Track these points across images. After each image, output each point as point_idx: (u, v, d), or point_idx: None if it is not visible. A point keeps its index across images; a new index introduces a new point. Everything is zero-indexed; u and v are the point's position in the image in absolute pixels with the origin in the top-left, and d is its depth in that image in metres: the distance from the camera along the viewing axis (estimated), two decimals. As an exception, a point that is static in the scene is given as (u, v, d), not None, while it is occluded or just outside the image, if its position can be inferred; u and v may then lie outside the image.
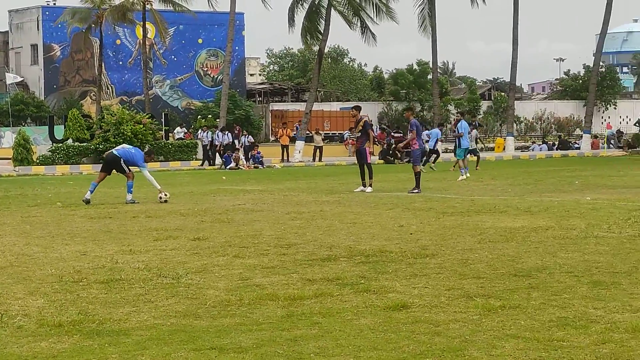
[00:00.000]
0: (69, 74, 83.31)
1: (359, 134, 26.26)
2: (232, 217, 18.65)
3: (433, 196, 23.44)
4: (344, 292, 9.89)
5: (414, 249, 13.03)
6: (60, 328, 8.40)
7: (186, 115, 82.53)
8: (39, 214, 20.20)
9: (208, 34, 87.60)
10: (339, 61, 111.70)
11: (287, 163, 52.71)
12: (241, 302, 9.46)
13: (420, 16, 61.92)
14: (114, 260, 12.55)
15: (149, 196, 25.02)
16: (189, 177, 38.36)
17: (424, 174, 27.55)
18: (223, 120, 55.04)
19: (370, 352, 7.39)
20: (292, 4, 57.84)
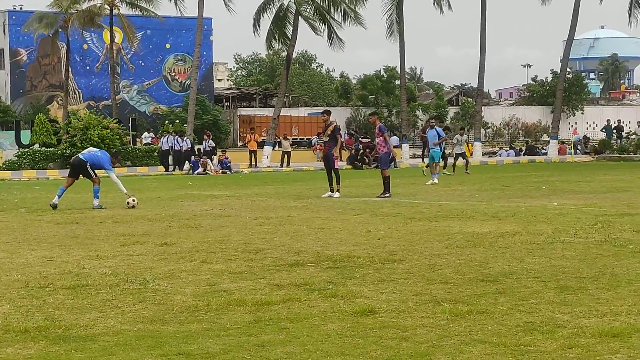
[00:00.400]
0: (36, 78, 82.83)
1: (327, 139, 26.28)
2: (199, 222, 18.61)
3: (401, 201, 23.49)
4: (311, 297, 9.89)
5: (381, 254, 13.04)
6: (26, 334, 8.35)
7: (154, 120, 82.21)
8: (5, 219, 20.08)
9: (176, 39, 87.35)
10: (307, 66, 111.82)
11: (255, 168, 52.67)
12: (209, 307, 9.43)
13: (388, 22, 62.09)
14: (80, 266, 12.48)
15: (116, 201, 24.92)
16: (157, 182, 38.24)
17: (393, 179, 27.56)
18: (191, 125, 54.97)
19: (338, 358, 7.39)
20: (258, 9, 57.83)
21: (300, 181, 36.16)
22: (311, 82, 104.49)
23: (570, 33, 63.61)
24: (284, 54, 61.32)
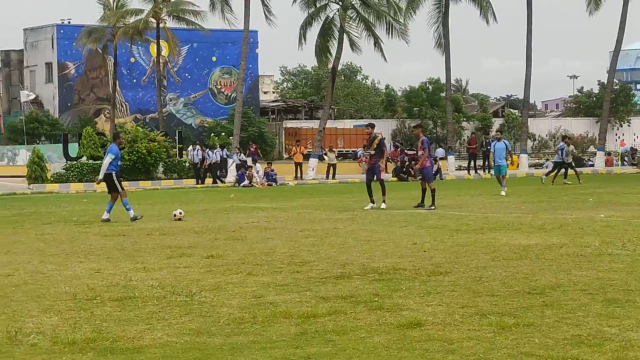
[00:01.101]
0: (83, 91, 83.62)
1: (373, 152, 26.26)
2: (245, 234, 18.66)
3: (447, 213, 23.41)
4: (357, 309, 9.88)
5: (427, 267, 13.01)
6: (74, 346, 8.42)
7: (200, 133, 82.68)
8: (53, 232, 20.25)
9: (222, 52, 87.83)
10: (352, 79, 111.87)
11: (300, 180, 52.72)
12: (255, 319, 9.46)
13: (435, 34, 62.00)
14: (127, 278, 12.56)
15: (162, 213, 25.06)
16: (202, 194, 38.40)
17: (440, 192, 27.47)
18: (237, 138, 55.13)
19: (384, 370, 7.38)
20: (303, 22, 57.93)
21: (346, 193, 36.15)
22: (356, 95, 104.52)
23: (617, 44, 63.13)
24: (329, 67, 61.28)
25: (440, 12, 61.50)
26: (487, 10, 61.62)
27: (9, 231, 20.76)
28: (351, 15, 57.32)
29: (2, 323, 9.53)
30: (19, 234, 19.89)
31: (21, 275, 13.10)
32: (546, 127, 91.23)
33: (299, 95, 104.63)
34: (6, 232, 20.58)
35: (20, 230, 21.08)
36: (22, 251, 16.40)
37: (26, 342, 8.61)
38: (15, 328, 9.20)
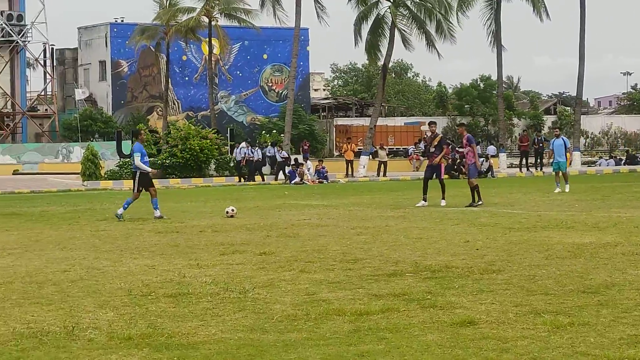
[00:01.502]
0: (136, 89, 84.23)
1: (434, 149, 26.20)
2: (297, 231, 18.71)
3: (499, 211, 23.30)
4: (410, 307, 9.88)
5: (480, 265, 12.97)
6: (130, 341, 8.51)
7: (251, 131, 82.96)
8: (107, 229, 20.45)
9: (273, 50, 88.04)
10: (403, 76, 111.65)
11: (351, 178, 52.72)
12: (308, 316, 9.49)
13: (487, 31, 61.68)
14: (181, 274, 12.66)
15: (215, 211, 25.19)
16: (254, 192, 38.55)
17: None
18: (288, 135, 55.26)
19: (438, 368, 7.38)
20: (357, 19, 57.91)
21: (397, 191, 36.11)
22: (407, 92, 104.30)
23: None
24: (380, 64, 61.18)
25: (492, 9, 61.16)
26: (540, 7, 61.18)
27: (64, 227, 20.99)
28: (403, 12, 57.20)
29: (59, 318, 9.65)
30: (74, 230, 20.11)
31: (77, 271, 13.26)
32: (599, 125, 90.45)
33: (349, 93, 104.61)
34: (62, 228, 20.82)
35: (75, 226, 21.31)
36: (77, 247, 16.59)
37: (83, 337, 8.71)
38: (72, 323, 9.32)
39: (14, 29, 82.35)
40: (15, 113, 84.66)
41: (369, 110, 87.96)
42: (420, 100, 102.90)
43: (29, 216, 25.00)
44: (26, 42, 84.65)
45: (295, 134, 68.76)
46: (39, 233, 19.62)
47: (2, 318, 9.73)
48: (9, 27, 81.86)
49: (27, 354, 8.09)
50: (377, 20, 57.61)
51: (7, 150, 74.99)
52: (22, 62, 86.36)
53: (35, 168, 71.02)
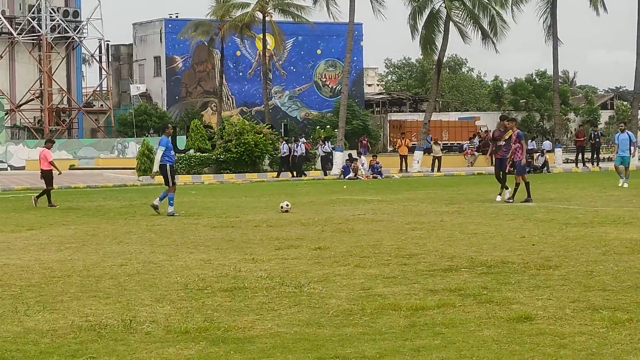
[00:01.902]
0: (191, 85, 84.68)
1: (503, 143, 25.95)
2: (352, 226, 18.71)
3: (555, 207, 23.14)
4: (466, 302, 9.85)
5: (536, 260, 12.90)
6: (186, 334, 8.57)
7: (305, 126, 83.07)
8: (163, 223, 20.58)
9: (327, 45, 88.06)
10: (457, 71, 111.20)
11: (405, 173, 52.60)
12: (363, 311, 9.50)
13: (544, 25, 61.21)
14: (237, 269, 12.72)
15: (269, 205, 25.26)
16: (309, 187, 38.60)
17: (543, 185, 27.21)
18: (342, 130, 55.21)
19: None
20: (411, 13, 57.70)
21: (452, 186, 35.98)
22: (462, 87, 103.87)
23: None
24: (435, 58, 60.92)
25: (548, 2, 60.67)
26: (597, 1, 60.53)
27: (120, 222, 21.17)
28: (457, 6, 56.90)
29: (117, 311, 9.75)
30: (131, 225, 20.27)
31: (134, 265, 13.37)
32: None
33: (403, 88, 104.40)
34: (118, 222, 21.00)
35: (131, 221, 21.48)
36: (133, 241, 16.72)
37: (140, 331, 8.79)
38: (129, 316, 9.41)
39: (70, 26, 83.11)
40: (72, 109, 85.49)
41: (422, 106, 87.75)
42: (474, 95, 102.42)
43: (85, 211, 25.25)
44: (82, 39, 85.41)
45: (349, 129, 68.68)
46: (95, 227, 19.81)
47: (61, 311, 9.84)
48: (65, 24, 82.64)
49: (86, 347, 8.18)
50: (432, 14, 57.37)
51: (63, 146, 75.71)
52: (78, 58, 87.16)
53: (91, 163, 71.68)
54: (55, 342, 8.37)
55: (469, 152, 63.01)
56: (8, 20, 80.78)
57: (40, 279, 12.17)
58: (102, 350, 8.05)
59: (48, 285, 11.59)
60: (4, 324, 9.19)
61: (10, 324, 9.22)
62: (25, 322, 9.27)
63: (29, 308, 10.01)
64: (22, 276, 12.43)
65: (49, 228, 19.86)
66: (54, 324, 9.15)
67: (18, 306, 10.14)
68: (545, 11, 60.93)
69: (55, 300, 10.48)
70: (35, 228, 19.75)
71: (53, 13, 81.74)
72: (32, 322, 9.26)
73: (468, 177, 46.31)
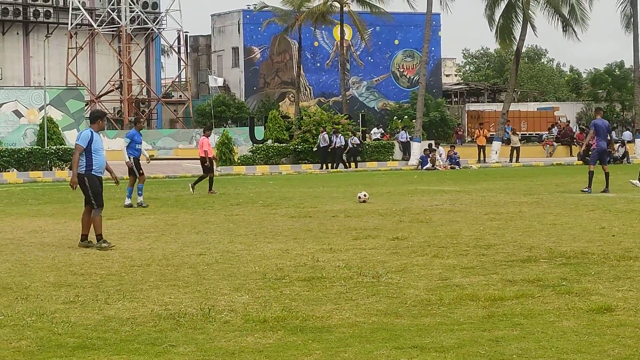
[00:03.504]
0: (269, 75, 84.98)
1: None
2: (430, 217, 18.67)
3: (636, 197, 22.84)
4: (545, 293, 9.78)
5: (616, 251, 12.75)
6: (265, 324, 8.62)
7: (382, 116, 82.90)
8: (241, 213, 20.71)
9: (404, 35, 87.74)
10: (536, 61, 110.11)
11: (483, 164, 52.30)
12: (441, 301, 9.48)
13: (622, 14, 60.36)
14: (315, 259, 12.76)
15: (347, 196, 25.29)
16: (386, 177, 38.57)
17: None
18: (419, 121, 55.05)
19: (574, 355, 7.29)
20: (488, 3, 57.29)
21: (530, 177, 35.69)
22: (540, 77, 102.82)
23: None
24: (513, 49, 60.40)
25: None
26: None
27: (199, 212, 21.34)
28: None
29: (196, 300, 9.85)
30: (209, 215, 20.43)
31: (212, 254, 13.49)
32: None
33: (481, 78, 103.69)
34: (197, 212, 21.18)
35: (210, 210, 21.64)
36: (212, 231, 16.86)
37: (219, 319, 8.86)
38: (208, 305, 9.49)
39: (149, 17, 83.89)
40: (151, 99, 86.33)
41: (501, 96, 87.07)
42: (554, 85, 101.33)
43: (164, 200, 25.51)
44: (161, 30, 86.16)
45: (426, 120, 68.42)
46: (174, 217, 20.01)
47: (141, 300, 9.97)
48: (144, 15, 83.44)
49: (165, 335, 8.28)
50: (510, 4, 56.91)
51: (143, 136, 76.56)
52: (157, 49, 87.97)
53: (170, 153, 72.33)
54: (135, 330, 8.48)
55: (548, 143, 62.41)
56: (88, 12, 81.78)
57: (120, 267, 12.34)
58: (181, 338, 8.14)
59: (128, 274, 11.75)
60: (85, 312, 9.34)
61: (91, 312, 9.37)
62: (106, 311, 9.40)
63: (109, 296, 10.16)
64: (103, 265, 12.61)
65: (128, 217, 20.11)
66: (134, 312, 9.27)
67: (99, 295, 10.29)
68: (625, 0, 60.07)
69: (134, 289, 10.62)
70: (115, 218, 19.99)
71: (132, 4, 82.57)
72: (112, 311, 9.39)
73: (547, 168, 45.88)
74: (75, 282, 11.18)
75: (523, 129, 75.83)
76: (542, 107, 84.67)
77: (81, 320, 8.92)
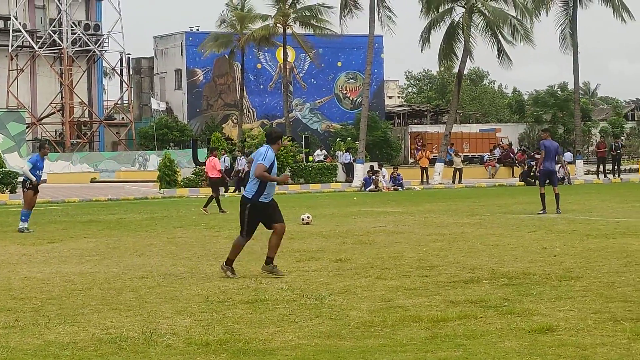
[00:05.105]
0: (212, 97, 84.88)
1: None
2: (373, 238, 18.70)
3: (576, 218, 23.07)
4: (487, 314, 9.82)
5: (558, 272, 12.86)
6: (207, 347, 8.57)
7: (326, 138, 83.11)
8: (184, 235, 20.62)
9: (347, 57, 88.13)
10: (478, 83, 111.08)
11: (426, 185, 52.53)
12: (384, 323, 9.48)
13: (561, 36, 61.05)
14: (258, 281, 12.73)
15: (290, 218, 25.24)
16: (330, 199, 38.59)
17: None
18: (362, 142, 55.19)
19: (516, 375, 7.32)
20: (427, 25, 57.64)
21: (473, 198, 35.90)
22: (482, 99, 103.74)
23: None
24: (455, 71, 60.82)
25: (568, 14, 60.54)
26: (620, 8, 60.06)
27: (141, 235, 21.21)
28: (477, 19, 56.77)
29: (137, 324, 9.76)
30: (152, 237, 20.31)
31: (154, 277, 13.40)
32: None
33: (424, 100, 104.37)
34: (139, 235, 21.04)
35: (152, 233, 21.52)
36: (155, 254, 16.75)
37: (161, 343, 8.79)
38: (150, 329, 9.42)
39: (91, 39, 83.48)
40: (93, 122, 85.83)
41: (443, 117, 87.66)
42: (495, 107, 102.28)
43: (106, 223, 25.31)
44: (103, 52, 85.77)
45: (370, 141, 68.67)
46: (116, 240, 19.86)
47: (82, 324, 9.86)
48: (86, 37, 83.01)
49: (107, 359, 8.19)
50: (452, 27, 57.30)
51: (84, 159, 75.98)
52: (99, 72, 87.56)
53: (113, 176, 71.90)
54: (75, 355, 8.38)
55: (490, 164, 62.88)
56: (29, 34, 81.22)
57: (61, 291, 12.21)
58: (123, 362, 8.06)
59: (69, 298, 11.62)
60: (25, 337, 9.21)
61: (31, 336, 9.24)
62: (46, 335, 9.29)
63: (50, 321, 10.04)
64: (43, 289, 12.47)
65: (70, 241, 19.92)
66: (75, 337, 9.16)
67: (39, 319, 10.17)
68: (563, 21, 60.78)
69: (75, 313, 10.51)
70: (57, 241, 19.80)
71: (74, 27, 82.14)
72: (52, 335, 9.28)
73: (489, 189, 46.19)
74: (15, 307, 11.04)
75: (465, 151, 76.40)
76: (484, 128, 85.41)
77: (21, 345, 8.80)
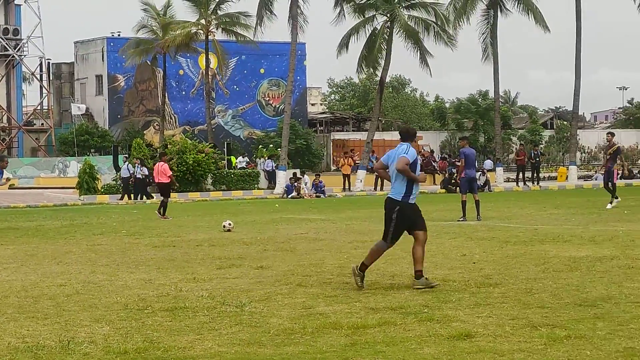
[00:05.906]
0: (133, 104, 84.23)
1: (609, 157, 29.72)
2: (294, 246, 18.70)
3: (496, 225, 23.31)
4: (407, 320, 9.88)
5: (477, 278, 12.98)
6: (125, 355, 8.50)
7: (248, 145, 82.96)
8: (104, 243, 20.43)
9: (270, 64, 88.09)
10: (401, 90, 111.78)
11: (348, 192, 52.70)
12: (305, 330, 9.48)
13: (483, 45, 61.69)
14: (178, 288, 12.65)
15: (212, 225, 25.17)
16: (251, 206, 38.54)
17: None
18: (285, 149, 55.23)
19: (435, 381, 7.37)
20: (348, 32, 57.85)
21: (394, 205, 36.02)
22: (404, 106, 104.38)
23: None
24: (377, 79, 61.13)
25: (489, 23, 61.22)
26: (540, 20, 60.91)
27: (60, 242, 20.97)
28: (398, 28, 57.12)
29: (55, 332, 9.63)
30: (71, 245, 20.08)
31: (73, 285, 13.24)
32: (595, 139, 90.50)
33: (346, 107, 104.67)
34: (58, 242, 20.79)
35: (71, 240, 21.28)
36: (73, 261, 16.57)
37: (78, 351, 8.69)
38: (68, 337, 9.30)
39: (9, 43, 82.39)
40: (11, 127, 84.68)
41: (366, 125, 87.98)
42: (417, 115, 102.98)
43: (25, 230, 24.97)
44: (22, 57, 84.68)
45: (292, 148, 68.70)
46: (35, 247, 19.60)
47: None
48: (4, 41, 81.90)
49: (23, 368, 8.08)
50: (374, 34, 57.59)
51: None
52: (18, 77, 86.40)
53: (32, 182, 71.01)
54: (-9, 364, 8.26)
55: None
56: (-54, 38, 79.93)
57: (-23, 299, 12.01)
58: (40, 371, 7.96)
59: (-15, 306, 11.43)
60: (-60, 346, 9.05)
61: (-54, 345, 9.08)
62: (-39, 344, 9.13)
63: (-35, 329, 9.88)
64: (-41, 297, 12.26)
65: (-13, 248, 19.61)
66: (-9, 346, 9.02)
67: (-46, 327, 10.00)
68: (485, 31, 61.44)
69: (-8, 321, 10.34)
70: (-26, 248, 19.48)
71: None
72: (-32, 344, 9.12)
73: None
74: None
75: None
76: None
77: None
